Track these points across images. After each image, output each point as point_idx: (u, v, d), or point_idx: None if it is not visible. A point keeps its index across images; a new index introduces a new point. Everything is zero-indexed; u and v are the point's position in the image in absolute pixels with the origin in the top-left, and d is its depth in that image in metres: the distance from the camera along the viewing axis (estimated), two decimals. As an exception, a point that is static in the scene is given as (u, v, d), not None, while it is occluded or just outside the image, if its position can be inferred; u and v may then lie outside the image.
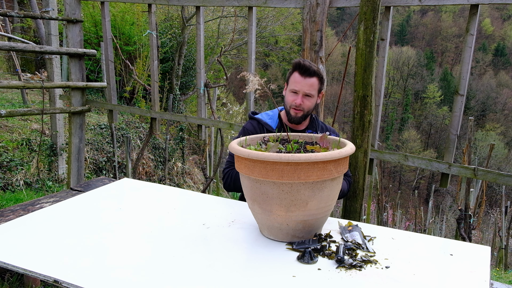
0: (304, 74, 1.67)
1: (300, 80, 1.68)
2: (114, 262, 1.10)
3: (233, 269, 1.07)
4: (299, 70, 1.68)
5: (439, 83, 39.12)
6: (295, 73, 1.69)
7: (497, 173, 2.25)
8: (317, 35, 2.47)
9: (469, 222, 4.24)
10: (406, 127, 36.33)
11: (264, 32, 13.02)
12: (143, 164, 6.51)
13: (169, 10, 10.52)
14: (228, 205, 1.59)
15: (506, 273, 4.83)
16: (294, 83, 1.70)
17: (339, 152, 1.11)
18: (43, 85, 2.88)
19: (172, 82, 9.39)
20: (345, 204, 2.38)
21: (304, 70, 1.66)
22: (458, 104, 2.32)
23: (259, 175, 1.12)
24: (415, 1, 2.27)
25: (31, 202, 1.66)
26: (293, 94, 1.71)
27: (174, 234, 1.29)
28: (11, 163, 4.34)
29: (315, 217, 1.19)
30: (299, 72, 1.68)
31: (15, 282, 1.99)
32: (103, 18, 3.39)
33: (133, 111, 4.26)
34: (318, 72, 1.70)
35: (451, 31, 43.99)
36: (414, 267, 1.08)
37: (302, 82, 1.68)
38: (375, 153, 2.51)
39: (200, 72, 3.10)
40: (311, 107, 1.75)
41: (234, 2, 2.84)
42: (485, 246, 1.22)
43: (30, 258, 1.11)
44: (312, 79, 1.68)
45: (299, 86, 1.68)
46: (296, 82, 1.69)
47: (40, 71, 3.01)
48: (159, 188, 1.81)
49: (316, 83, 1.70)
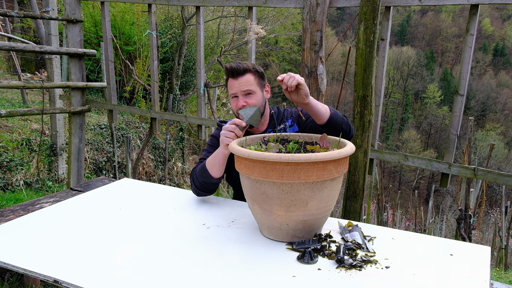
0: (235, 76, 1.59)
1: (233, 83, 1.60)
2: (114, 262, 1.10)
3: (233, 269, 1.06)
4: (229, 75, 1.61)
5: (439, 83, 39.11)
6: (229, 80, 1.62)
7: (497, 173, 2.25)
8: (317, 35, 2.47)
9: (469, 222, 4.24)
10: (406, 127, 36.31)
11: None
12: (143, 164, 6.51)
13: (169, 10, 10.52)
14: (228, 205, 1.59)
15: (506, 273, 4.83)
16: (230, 88, 1.62)
17: (339, 152, 1.11)
18: (43, 85, 2.88)
19: (172, 82, 9.39)
20: (345, 204, 2.38)
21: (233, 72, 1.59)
22: (458, 104, 2.32)
23: (259, 175, 1.12)
24: (415, 1, 2.27)
25: (31, 202, 1.66)
26: (234, 100, 1.62)
27: (174, 234, 1.29)
28: (11, 163, 4.34)
29: (315, 217, 1.19)
30: (230, 76, 1.61)
31: (15, 282, 1.99)
32: (103, 18, 3.39)
33: (133, 111, 4.26)
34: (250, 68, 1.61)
35: (451, 31, 43.98)
36: (414, 267, 1.08)
37: (235, 84, 1.59)
38: (375, 153, 2.51)
39: (200, 72, 3.10)
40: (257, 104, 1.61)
41: (234, 2, 2.84)
42: (485, 246, 1.22)
43: (30, 258, 1.11)
44: (245, 76, 1.59)
45: (235, 88, 1.60)
46: (231, 87, 1.61)
47: (40, 71, 3.01)
48: (159, 188, 1.81)
49: (252, 78, 1.60)
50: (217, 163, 1.48)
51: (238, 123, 1.36)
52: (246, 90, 1.59)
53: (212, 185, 1.55)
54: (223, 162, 1.48)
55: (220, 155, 1.46)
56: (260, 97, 1.62)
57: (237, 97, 1.61)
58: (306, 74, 2.51)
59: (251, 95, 1.60)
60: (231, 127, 1.35)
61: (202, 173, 1.53)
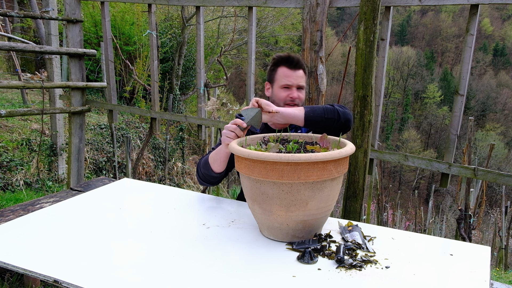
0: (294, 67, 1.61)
1: (290, 74, 1.61)
2: (114, 262, 1.10)
3: (233, 269, 1.06)
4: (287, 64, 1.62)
5: (439, 83, 39.10)
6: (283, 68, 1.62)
7: (497, 173, 2.25)
8: (317, 35, 2.47)
9: (469, 222, 4.24)
10: (406, 127, 36.31)
11: (264, 32, 13.02)
12: (143, 164, 6.51)
13: (169, 10, 10.53)
14: (228, 205, 1.59)
15: (506, 273, 4.83)
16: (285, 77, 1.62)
17: (339, 152, 1.11)
18: (43, 85, 2.88)
19: (172, 82, 9.39)
20: (345, 204, 2.38)
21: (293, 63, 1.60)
22: (458, 104, 2.32)
23: (259, 175, 1.12)
24: (415, 1, 2.27)
25: (31, 202, 1.66)
26: (285, 90, 1.62)
27: (174, 234, 1.29)
28: (11, 163, 4.34)
29: (315, 217, 1.19)
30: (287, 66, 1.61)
31: (15, 282, 1.99)
32: (103, 18, 3.39)
33: (133, 111, 4.26)
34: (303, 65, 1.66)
35: (451, 31, 43.98)
36: (414, 267, 1.08)
37: (293, 75, 1.61)
38: (375, 153, 2.51)
39: (200, 72, 3.10)
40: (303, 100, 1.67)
41: (234, 2, 2.84)
42: (485, 246, 1.22)
43: (30, 258, 1.11)
44: (301, 70, 1.63)
45: (292, 79, 1.60)
46: (287, 77, 1.61)
47: (40, 71, 3.01)
48: (159, 188, 1.81)
49: (303, 74, 1.65)
50: (219, 159, 1.50)
51: (240, 123, 1.36)
52: (301, 85, 1.62)
53: (213, 178, 1.58)
54: (224, 159, 1.50)
55: (222, 152, 1.48)
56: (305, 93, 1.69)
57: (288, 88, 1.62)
58: (306, 74, 2.51)
59: (302, 90, 1.65)
60: (232, 127, 1.36)
61: (205, 165, 1.57)
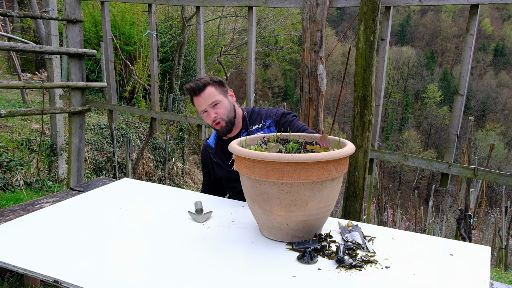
0: (196, 94, 1.69)
1: (198, 101, 1.70)
2: (114, 262, 1.10)
3: (233, 269, 1.06)
4: (191, 94, 1.71)
5: (439, 83, 39.09)
6: (194, 99, 1.72)
7: (497, 173, 2.25)
8: (317, 35, 2.47)
9: (469, 222, 4.24)
10: (406, 127, 36.30)
11: (264, 32, 13.03)
12: (143, 164, 6.51)
13: (169, 10, 10.52)
14: (228, 205, 1.59)
15: (506, 273, 4.83)
16: (197, 106, 1.72)
17: (339, 152, 1.11)
18: (43, 85, 2.88)
19: (172, 82, 9.39)
20: (345, 204, 2.38)
21: (194, 91, 1.68)
22: (458, 104, 2.32)
23: (259, 175, 1.12)
24: (415, 1, 2.27)
25: (31, 202, 1.66)
26: (206, 114, 1.72)
27: (174, 234, 1.29)
28: (11, 163, 4.34)
29: (315, 217, 1.19)
30: (193, 95, 1.70)
31: (15, 282, 1.99)
32: (103, 18, 3.39)
33: (133, 111, 4.26)
34: (208, 81, 1.70)
35: (451, 31, 43.96)
36: (414, 267, 1.08)
37: (200, 101, 1.69)
38: (375, 153, 2.51)
39: (200, 72, 3.10)
40: (226, 112, 1.71)
41: (234, 2, 2.84)
42: (485, 246, 1.22)
43: (30, 258, 1.11)
44: (206, 90, 1.68)
45: (202, 105, 1.69)
46: (198, 105, 1.71)
47: (40, 71, 3.01)
48: (159, 188, 1.81)
49: (213, 90, 1.69)
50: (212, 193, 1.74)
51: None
52: (212, 102, 1.69)
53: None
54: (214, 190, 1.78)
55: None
56: (227, 103, 1.73)
57: (207, 111, 1.71)
58: (306, 74, 2.51)
59: (218, 104, 1.70)
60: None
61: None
